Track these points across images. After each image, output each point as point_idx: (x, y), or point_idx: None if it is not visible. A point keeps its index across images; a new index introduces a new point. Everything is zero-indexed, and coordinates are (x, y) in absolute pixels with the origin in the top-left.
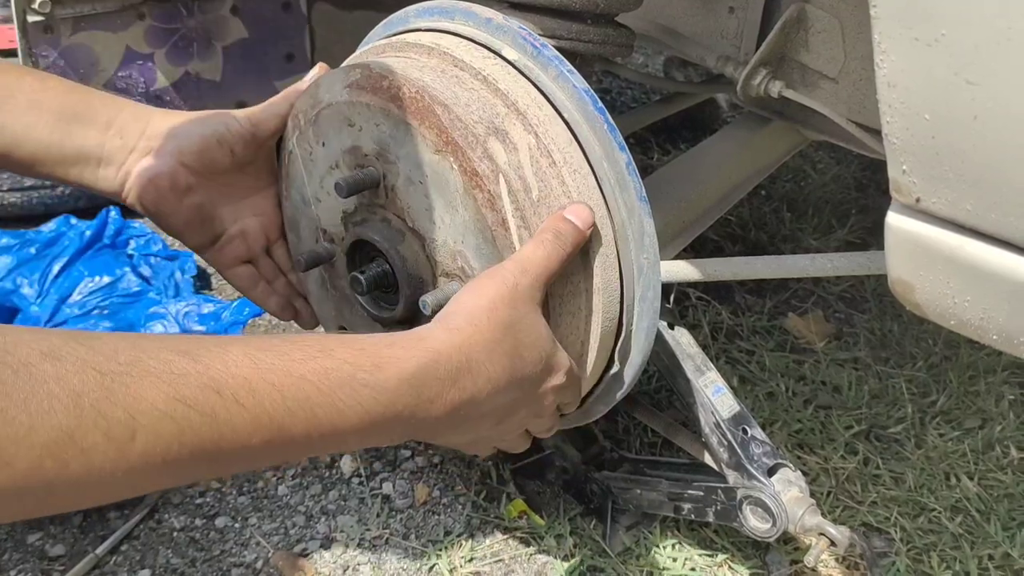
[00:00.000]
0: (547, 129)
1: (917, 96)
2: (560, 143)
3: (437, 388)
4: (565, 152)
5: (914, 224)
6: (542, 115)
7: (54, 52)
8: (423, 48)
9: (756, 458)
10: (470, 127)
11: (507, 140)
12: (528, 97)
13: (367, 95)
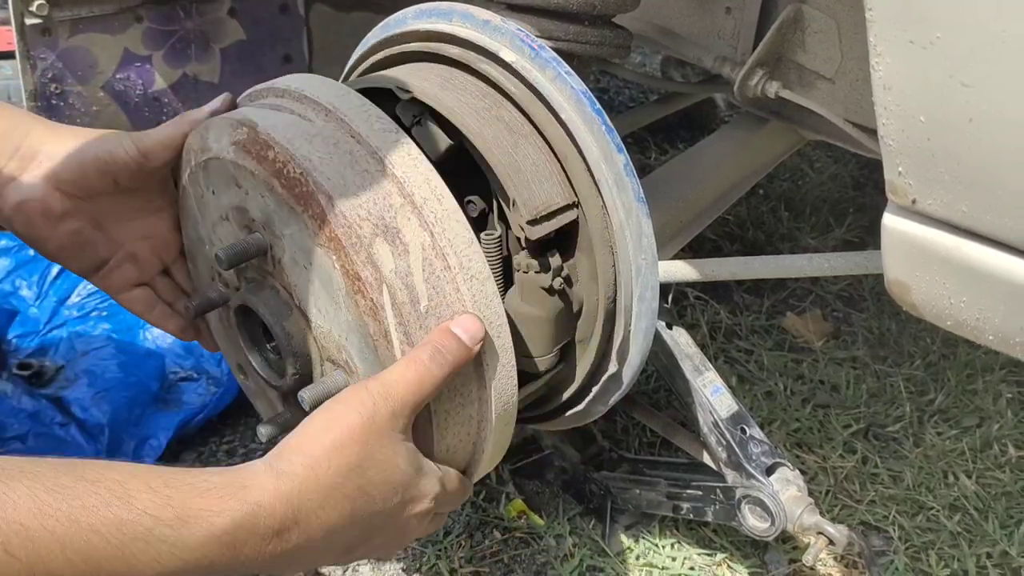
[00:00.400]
0: (446, 227)
1: (912, 98)
2: (459, 244)
3: (256, 544)
4: (463, 255)
5: (910, 225)
6: (441, 209)
7: (52, 54)
8: (320, 109)
9: (754, 457)
10: (354, 226)
11: (397, 241)
12: (428, 187)
13: (252, 162)
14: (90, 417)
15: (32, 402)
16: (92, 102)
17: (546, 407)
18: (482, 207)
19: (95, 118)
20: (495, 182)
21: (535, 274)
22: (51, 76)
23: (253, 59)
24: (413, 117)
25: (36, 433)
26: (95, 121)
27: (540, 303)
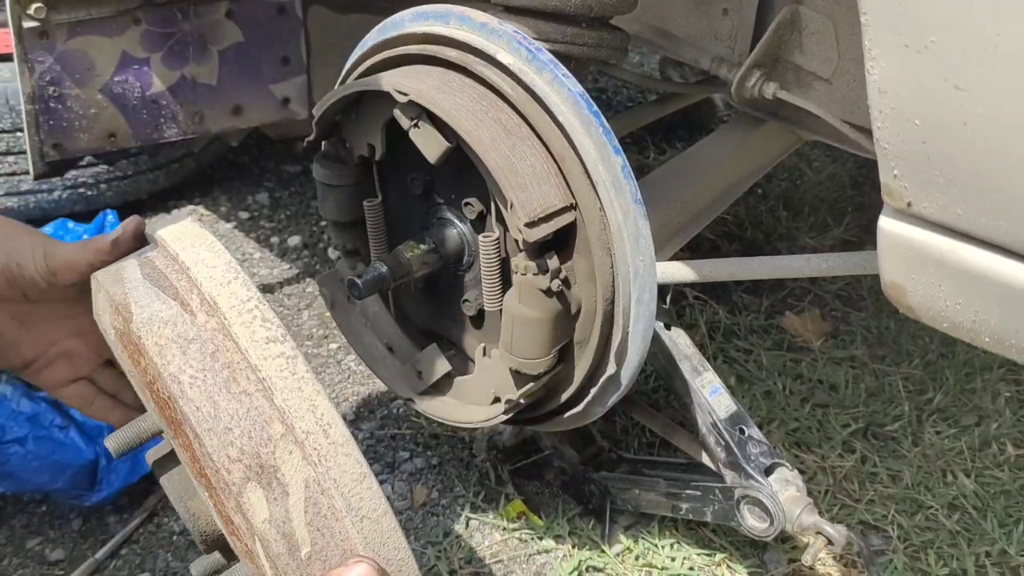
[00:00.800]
0: (331, 465)
1: (907, 102)
2: (347, 482)
3: None
4: (352, 495)
5: (906, 228)
6: (327, 444)
7: (50, 57)
8: (203, 298)
9: (753, 458)
10: (222, 471)
11: (275, 483)
12: (312, 417)
13: (128, 361)
14: (89, 419)
15: (31, 405)
16: (90, 104)
17: (545, 408)
18: (480, 209)
19: (93, 120)
20: (492, 184)
21: (533, 276)
22: (49, 79)
23: (251, 61)
24: (411, 119)
25: (35, 436)
26: (94, 124)
27: (538, 305)
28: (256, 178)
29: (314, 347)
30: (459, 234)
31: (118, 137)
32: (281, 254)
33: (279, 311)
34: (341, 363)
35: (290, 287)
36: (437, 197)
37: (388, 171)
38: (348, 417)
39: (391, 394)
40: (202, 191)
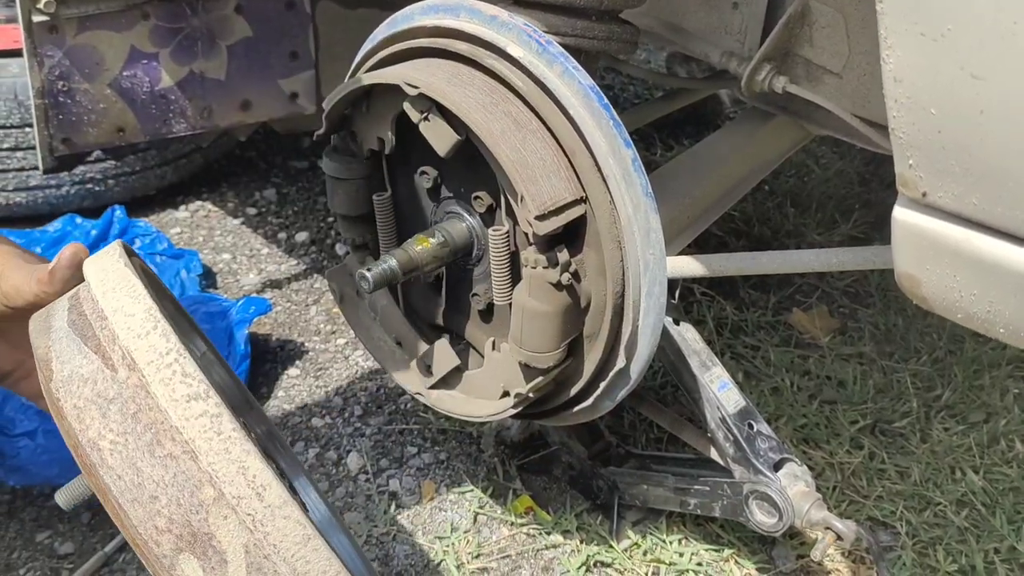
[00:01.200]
0: (270, 529)
1: (923, 91)
2: (291, 545)
3: None
4: (298, 558)
5: (920, 218)
6: (263, 508)
7: (59, 52)
8: (122, 354)
9: (762, 453)
10: (150, 543)
11: (210, 551)
12: (243, 479)
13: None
14: None
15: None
16: (99, 99)
17: (554, 402)
18: (489, 202)
19: (102, 115)
20: (503, 177)
21: (543, 269)
22: (58, 73)
23: (260, 56)
24: (421, 112)
25: (45, 430)
26: (103, 118)
27: (548, 298)
28: (263, 174)
29: (322, 343)
30: (468, 228)
31: (127, 132)
32: (289, 250)
33: (287, 307)
34: (349, 359)
35: (298, 283)
36: (446, 191)
37: (398, 165)
38: (356, 412)
39: (399, 389)
40: (209, 187)
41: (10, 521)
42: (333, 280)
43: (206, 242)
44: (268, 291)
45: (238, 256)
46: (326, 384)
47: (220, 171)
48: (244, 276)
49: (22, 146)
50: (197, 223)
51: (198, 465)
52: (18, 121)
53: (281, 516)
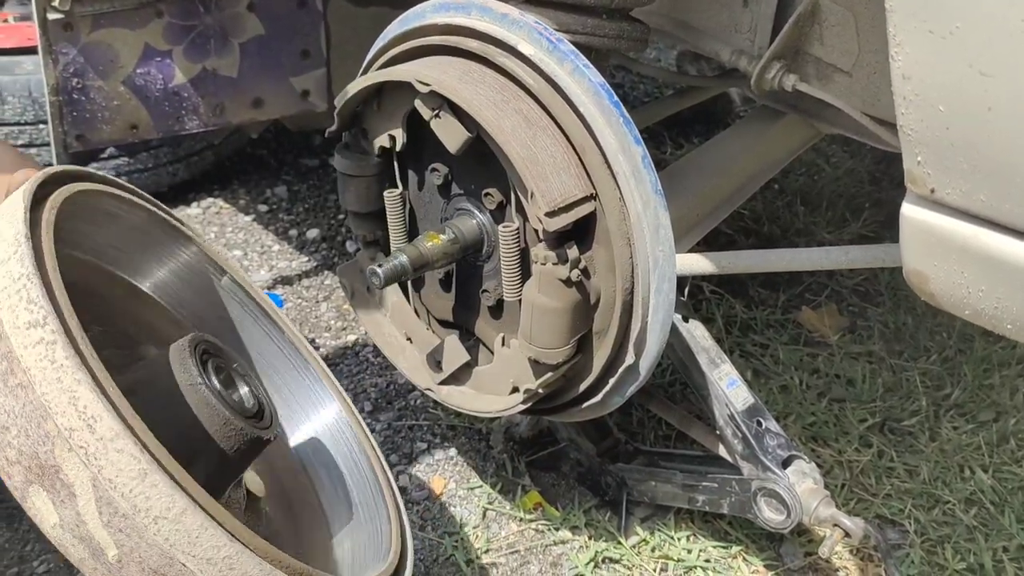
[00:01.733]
0: (104, 463)
1: (932, 88)
2: (126, 479)
3: None
4: (136, 494)
5: (929, 215)
6: (95, 440)
7: (74, 49)
8: None
9: (770, 450)
10: (3, 475)
11: (58, 483)
12: (74, 411)
13: None
14: None
15: None
16: (113, 96)
17: (563, 398)
18: (499, 199)
19: (116, 112)
20: (513, 174)
21: (553, 265)
22: (73, 71)
23: (272, 54)
24: (432, 109)
25: None
26: (116, 115)
27: (557, 294)
28: (275, 171)
29: (332, 338)
30: (479, 224)
31: (140, 129)
32: (300, 247)
33: (298, 303)
34: (359, 354)
35: (308, 279)
36: (457, 188)
37: (408, 162)
38: (366, 408)
39: (408, 385)
40: (221, 184)
41: (23, 514)
42: (344, 276)
43: (217, 238)
44: (279, 287)
45: (249, 252)
46: (336, 380)
47: (232, 168)
48: (255, 272)
49: (36, 142)
50: (209, 220)
51: (36, 395)
52: (32, 118)
53: (114, 449)
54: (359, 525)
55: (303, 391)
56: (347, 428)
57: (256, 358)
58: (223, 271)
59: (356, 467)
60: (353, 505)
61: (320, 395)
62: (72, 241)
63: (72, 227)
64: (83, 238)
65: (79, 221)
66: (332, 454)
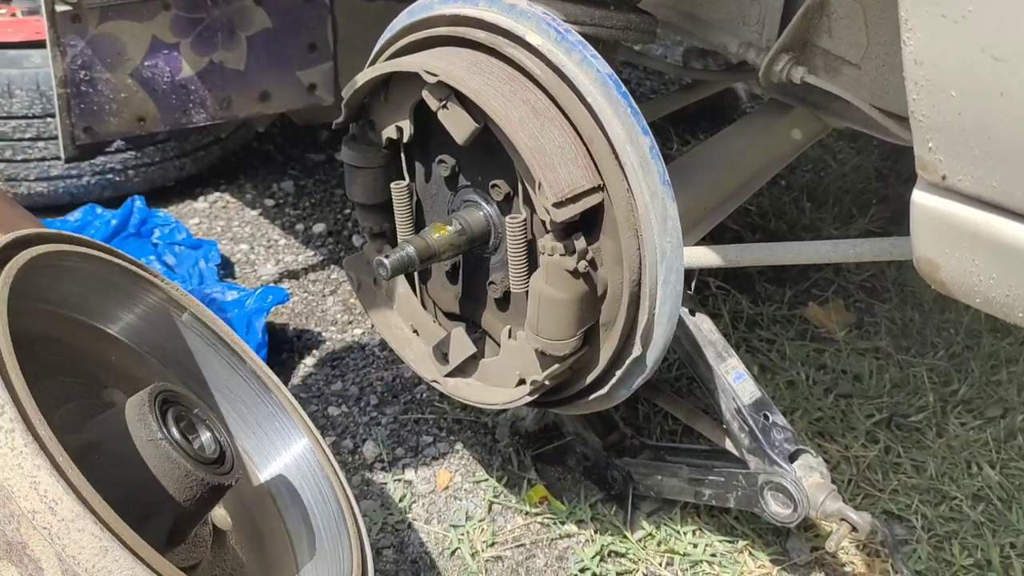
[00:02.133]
0: (67, 542)
1: (943, 73)
2: (89, 555)
3: None
4: (98, 568)
5: (939, 202)
6: (56, 521)
7: (81, 41)
8: None
9: (777, 444)
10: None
11: (25, 560)
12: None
13: None
14: None
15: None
16: (121, 89)
17: (570, 391)
18: (507, 191)
19: (123, 105)
20: (520, 164)
21: (560, 257)
22: (80, 63)
23: (279, 47)
24: (439, 100)
25: None
26: (124, 108)
27: (565, 286)
28: (281, 166)
29: (338, 332)
30: (486, 216)
31: (147, 121)
32: (306, 241)
33: (304, 297)
34: (365, 348)
35: (315, 273)
36: (464, 179)
37: (416, 153)
38: (372, 402)
39: (415, 379)
40: (227, 178)
41: None
42: (351, 268)
43: (224, 232)
44: (285, 281)
45: (256, 247)
46: (342, 373)
47: (238, 163)
48: (262, 266)
49: (44, 136)
50: (215, 214)
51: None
52: (40, 111)
53: (75, 529)
54: (324, 553)
55: (267, 419)
56: (310, 454)
57: (221, 389)
58: (183, 308)
59: (320, 494)
60: (318, 532)
61: (284, 423)
62: (35, 295)
63: (34, 283)
64: (46, 291)
65: (41, 277)
66: (297, 481)
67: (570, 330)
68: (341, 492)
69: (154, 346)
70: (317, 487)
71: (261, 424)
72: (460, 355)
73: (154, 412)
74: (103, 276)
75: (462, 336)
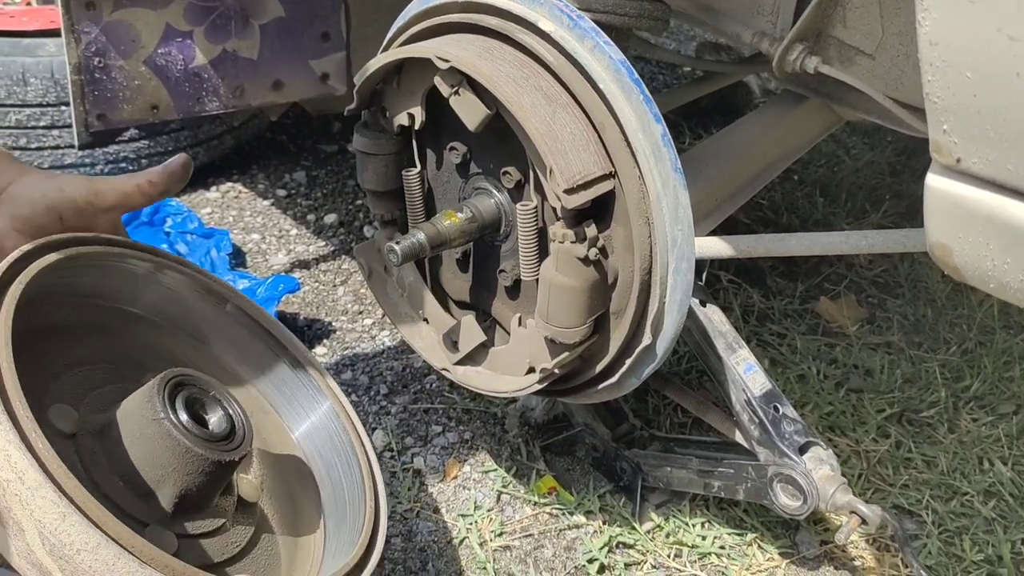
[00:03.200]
0: (36, 505)
1: (959, 53)
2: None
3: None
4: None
5: (954, 185)
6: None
7: (96, 28)
8: None
9: (787, 436)
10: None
11: (11, 522)
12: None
13: None
14: None
15: None
16: (134, 76)
17: (579, 379)
18: (518, 178)
19: (137, 92)
20: (532, 150)
21: (571, 244)
22: (95, 50)
23: (292, 36)
24: (451, 86)
25: None
26: (137, 95)
27: (575, 273)
28: (294, 157)
29: (349, 322)
30: (497, 204)
31: (160, 109)
32: (317, 231)
33: (315, 287)
34: (375, 338)
35: (326, 263)
36: (475, 167)
37: (427, 141)
38: (382, 391)
39: (424, 369)
40: (240, 168)
41: None
42: (361, 256)
43: (236, 222)
44: (296, 271)
45: (267, 236)
46: (352, 363)
47: (251, 153)
48: (273, 256)
49: (58, 124)
50: (228, 203)
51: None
52: (54, 100)
53: (39, 496)
54: (344, 519)
55: (301, 392)
56: (336, 422)
57: (264, 370)
58: (225, 300)
59: (347, 463)
60: (344, 500)
61: (315, 395)
62: (85, 291)
63: (81, 280)
64: (85, 286)
65: (86, 276)
66: (328, 451)
67: (580, 318)
68: (365, 461)
69: (198, 332)
70: (346, 457)
71: (297, 396)
72: (470, 343)
73: (161, 394)
74: (146, 272)
75: (472, 324)
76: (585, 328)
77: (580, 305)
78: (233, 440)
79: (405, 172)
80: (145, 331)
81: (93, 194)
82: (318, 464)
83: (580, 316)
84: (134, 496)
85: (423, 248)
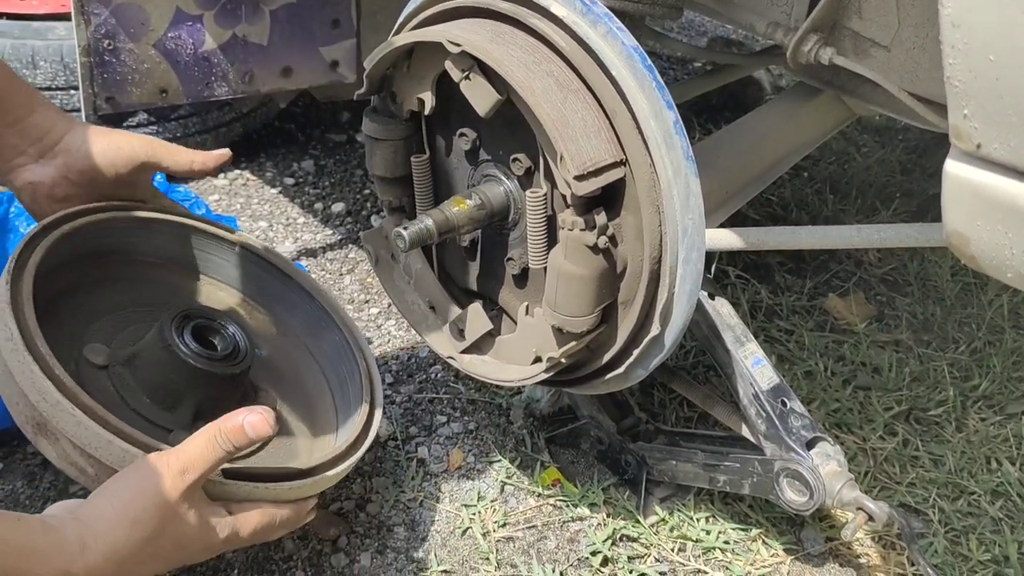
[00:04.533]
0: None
1: (981, 36)
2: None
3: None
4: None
5: (973, 172)
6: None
7: (105, 10)
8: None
9: (794, 430)
10: (22, 425)
11: (50, 433)
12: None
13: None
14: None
15: None
16: (143, 59)
17: (586, 370)
18: (527, 165)
19: (146, 75)
20: (542, 136)
21: (580, 232)
22: (104, 32)
23: (302, 22)
24: (462, 71)
25: None
26: (146, 79)
27: (584, 261)
28: (302, 145)
29: (355, 311)
30: (506, 191)
31: (169, 93)
32: (325, 220)
33: (321, 275)
34: (381, 327)
35: (332, 252)
36: (485, 153)
37: (437, 127)
38: (387, 380)
39: (430, 359)
40: (248, 156)
41: (44, 472)
42: (369, 242)
43: (244, 209)
44: (303, 259)
45: (275, 224)
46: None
47: (259, 141)
48: (280, 244)
49: (67, 108)
50: (235, 191)
51: (17, 384)
52: (64, 83)
53: (59, 410)
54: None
55: (313, 315)
56: (340, 335)
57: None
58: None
59: (350, 376)
60: (349, 399)
61: (325, 320)
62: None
63: (127, 240)
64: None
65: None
66: (339, 365)
67: (588, 307)
68: (365, 371)
69: (227, 277)
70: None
71: (308, 322)
72: (476, 331)
73: (171, 324)
74: (184, 234)
75: (479, 312)
76: (593, 317)
77: (588, 294)
78: (236, 357)
79: (414, 158)
80: (168, 277)
81: (148, 156)
82: (330, 373)
83: (588, 305)
84: (159, 409)
85: (431, 234)
